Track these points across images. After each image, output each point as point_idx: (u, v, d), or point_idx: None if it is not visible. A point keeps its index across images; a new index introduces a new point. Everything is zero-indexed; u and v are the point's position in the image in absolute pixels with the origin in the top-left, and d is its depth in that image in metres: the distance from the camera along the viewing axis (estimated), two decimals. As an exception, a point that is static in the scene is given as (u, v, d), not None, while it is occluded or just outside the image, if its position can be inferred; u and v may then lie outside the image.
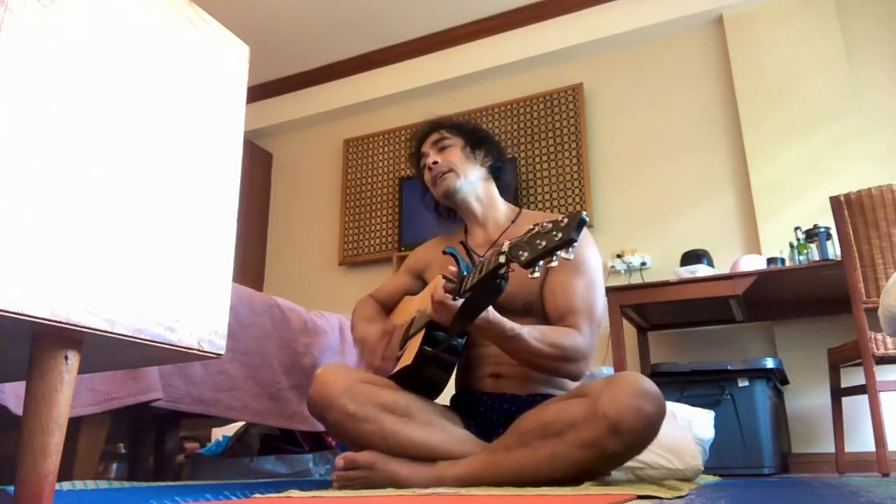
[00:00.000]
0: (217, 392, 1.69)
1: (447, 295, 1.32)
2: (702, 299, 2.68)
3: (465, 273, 1.32)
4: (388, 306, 1.85)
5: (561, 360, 1.43)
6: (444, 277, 1.51)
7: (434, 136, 1.76)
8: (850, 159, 3.09)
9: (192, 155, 0.92)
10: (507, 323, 1.36)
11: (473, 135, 1.76)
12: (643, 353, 3.21)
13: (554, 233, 1.10)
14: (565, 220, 1.10)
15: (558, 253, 1.10)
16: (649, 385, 1.24)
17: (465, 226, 1.77)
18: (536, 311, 1.54)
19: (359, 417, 1.38)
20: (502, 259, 1.18)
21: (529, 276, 1.13)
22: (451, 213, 1.79)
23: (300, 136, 4.77)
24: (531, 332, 1.39)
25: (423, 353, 1.43)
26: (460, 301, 1.31)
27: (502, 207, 1.74)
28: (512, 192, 3.33)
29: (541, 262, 1.12)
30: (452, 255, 1.36)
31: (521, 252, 1.13)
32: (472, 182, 1.70)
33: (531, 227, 1.16)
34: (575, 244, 1.09)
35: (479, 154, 1.74)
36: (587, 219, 1.11)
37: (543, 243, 1.10)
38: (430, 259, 1.78)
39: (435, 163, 1.69)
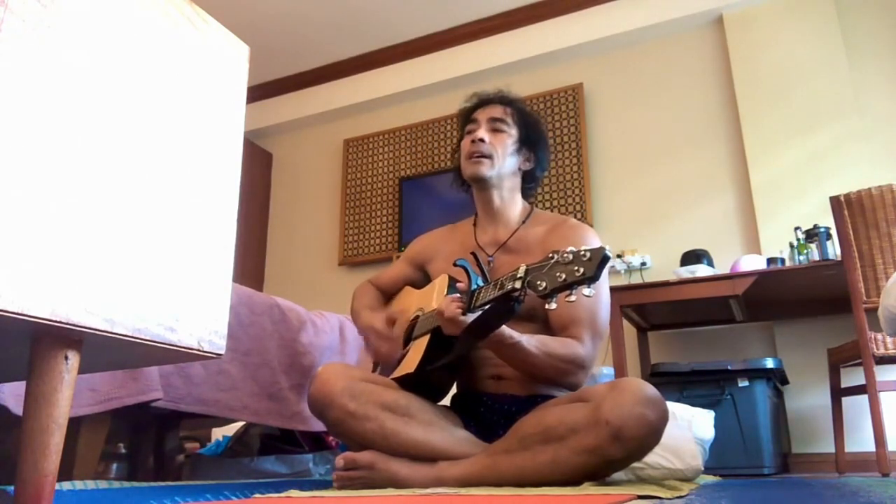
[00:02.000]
0: (217, 392, 1.69)
1: (458, 312, 1.30)
2: (702, 299, 2.68)
3: (475, 287, 1.31)
4: (387, 294, 1.83)
5: (559, 372, 1.42)
6: (450, 277, 1.50)
7: (496, 111, 1.67)
8: (850, 159, 3.09)
9: (192, 155, 0.92)
10: (507, 330, 1.35)
11: (531, 131, 1.68)
12: (643, 353, 3.21)
13: (575, 267, 1.07)
14: (587, 255, 1.08)
15: (577, 287, 1.08)
16: (652, 392, 1.23)
17: (476, 215, 1.73)
18: (540, 318, 1.51)
19: (359, 416, 1.37)
20: (518, 284, 1.16)
21: (546, 307, 1.12)
22: (468, 188, 1.73)
23: (300, 136, 4.77)
24: (530, 341, 1.38)
25: (427, 362, 1.42)
26: (471, 317, 1.30)
27: (518, 208, 1.69)
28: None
29: (558, 295, 1.10)
30: (464, 267, 1.35)
31: (539, 282, 1.11)
32: (503, 177, 1.64)
33: (549, 255, 1.14)
34: (597, 282, 1.07)
35: (525, 153, 1.68)
36: (610, 255, 1.08)
37: (563, 276, 1.08)
38: (435, 251, 1.75)
39: (482, 140, 1.62)
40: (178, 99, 0.91)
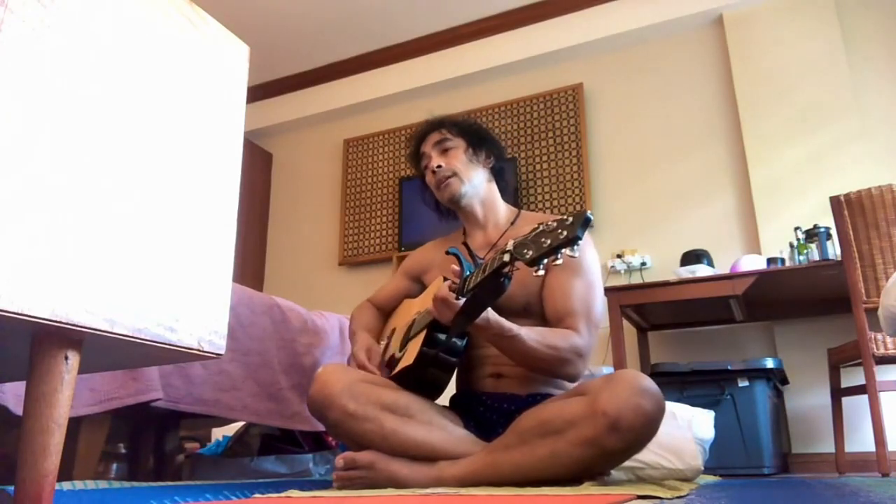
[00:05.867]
0: (217, 392, 1.69)
1: (451, 293, 1.32)
2: (702, 299, 2.68)
3: (468, 273, 1.32)
4: (386, 310, 1.85)
5: (558, 362, 1.43)
6: (445, 278, 1.51)
7: (435, 136, 1.74)
8: (850, 159, 3.09)
9: (192, 155, 0.92)
10: (506, 323, 1.36)
11: (475, 135, 1.75)
12: (643, 353, 3.21)
13: (559, 231, 1.09)
14: (570, 219, 1.09)
15: (563, 251, 1.09)
16: (648, 383, 1.24)
17: (464, 227, 1.77)
18: (535, 312, 1.54)
19: (359, 417, 1.38)
20: (506, 258, 1.17)
21: (534, 274, 1.12)
22: (452, 212, 1.79)
23: (300, 136, 4.77)
24: (529, 334, 1.39)
25: (424, 354, 1.43)
26: (463, 300, 1.31)
27: (502, 209, 1.74)
28: (512, 192, 3.32)
29: (545, 260, 1.11)
30: (455, 255, 1.36)
31: (525, 250, 1.13)
32: (476, 185, 1.70)
33: (535, 226, 1.15)
34: (580, 242, 1.08)
35: (481, 155, 1.73)
36: (592, 217, 1.10)
37: (549, 241, 1.10)
38: (430, 262, 1.77)
39: (439, 166, 1.68)
40: (178, 99, 0.91)
